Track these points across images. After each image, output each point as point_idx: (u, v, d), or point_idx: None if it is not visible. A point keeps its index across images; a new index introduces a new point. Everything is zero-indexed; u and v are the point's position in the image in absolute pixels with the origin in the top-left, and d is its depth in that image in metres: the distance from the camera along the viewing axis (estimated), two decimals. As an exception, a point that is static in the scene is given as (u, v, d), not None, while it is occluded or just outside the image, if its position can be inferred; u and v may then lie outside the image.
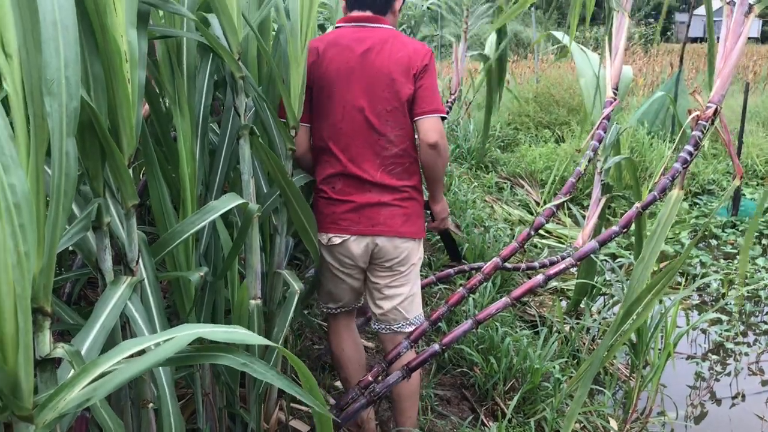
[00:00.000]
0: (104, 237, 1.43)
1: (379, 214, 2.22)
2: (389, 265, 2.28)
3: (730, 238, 5.73)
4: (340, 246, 2.25)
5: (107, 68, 1.36)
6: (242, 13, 1.82)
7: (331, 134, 2.22)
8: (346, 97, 2.18)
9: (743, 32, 1.90)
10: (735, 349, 3.99)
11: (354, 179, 2.22)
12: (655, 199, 2.10)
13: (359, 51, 2.18)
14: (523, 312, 4.05)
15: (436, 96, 2.23)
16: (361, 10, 2.26)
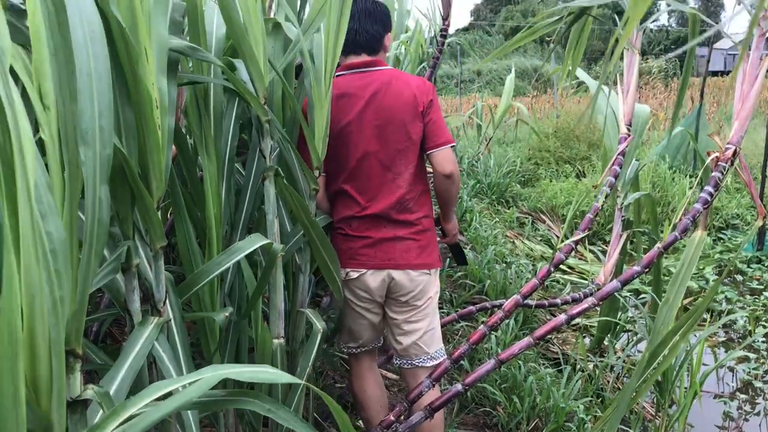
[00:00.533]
0: (133, 278, 1.46)
1: (394, 248, 2.28)
2: (405, 299, 2.32)
3: (756, 274, 5.66)
4: (357, 280, 2.30)
5: (138, 115, 1.41)
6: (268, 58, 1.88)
7: (348, 178, 2.29)
8: (360, 142, 2.25)
9: (759, 75, 1.91)
10: (764, 387, 3.91)
11: (370, 218, 2.28)
12: (677, 240, 2.10)
13: (366, 96, 2.25)
14: (545, 349, 4.02)
15: (444, 127, 2.31)
16: (357, 54, 2.33)
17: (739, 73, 1.97)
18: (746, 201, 7.25)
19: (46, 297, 0.90)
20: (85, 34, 1.12)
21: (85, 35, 1.11)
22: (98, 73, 1.12)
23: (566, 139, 9.86)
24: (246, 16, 1.77)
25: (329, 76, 2.05)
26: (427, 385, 2.30)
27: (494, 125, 9.08)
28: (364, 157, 2.26)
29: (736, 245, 6.31)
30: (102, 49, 1.13)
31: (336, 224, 2.35)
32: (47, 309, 0.90)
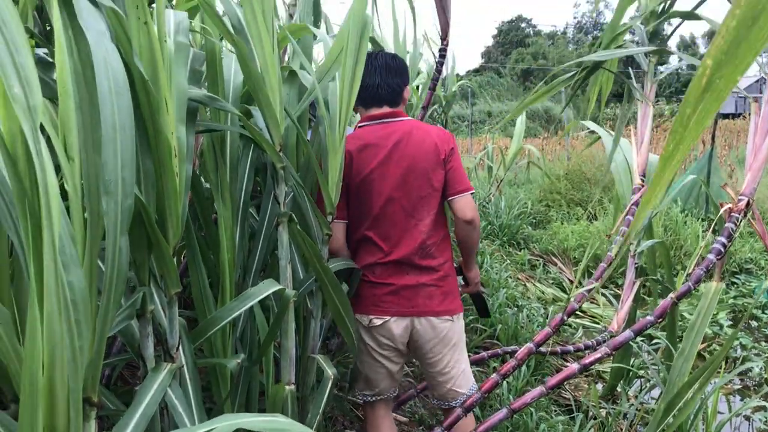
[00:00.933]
0: (147, 324, 1.48)
1: (417, 295, 2.30)
2: (431, 346, 2.33)
3: (772, 320, 5.59)
4: (381, 327, 2.31)
5: (157, 163, 1.44)
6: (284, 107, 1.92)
7: (371, 225, 2.32)
8: (383, 190, 2.29)
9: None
10: (781, 438, 3.83)
11: (393, 264, 2.31)
12: (690, 290, 2.10)
13: (389, 146, 2.30)
14: (558, 395, 3.97)
15: (465, 175, 2.37)
16: (379, 106, 2.39)
17: (751, 125, 1.99)
18: (759, 245, 7.20)
19: (66, 347, 0.91)
20: (111, 87, 1.15)
21: (110, 88, 1.15)
22: (122, 125, 1.15)
23: (578, 181, 9.88)
24: (263, 66, 1.82)
25: (344, 123, 2.09)
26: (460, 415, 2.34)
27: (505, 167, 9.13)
28: (387, 204, 2.30)
29: (750, 290, 6.25)
30: (126, 101, 1.17)
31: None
32: (67, 359, 0.91)
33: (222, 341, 1.82)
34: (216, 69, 1.86)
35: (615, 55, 2.39)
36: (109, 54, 1.16)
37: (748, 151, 1.97)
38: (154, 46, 1.40)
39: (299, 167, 2.25)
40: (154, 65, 1.41)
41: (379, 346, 2.34)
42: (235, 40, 1.73)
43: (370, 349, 2.36)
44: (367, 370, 2.40)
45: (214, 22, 1.80)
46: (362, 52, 2.08)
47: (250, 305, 1.70)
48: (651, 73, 2.62)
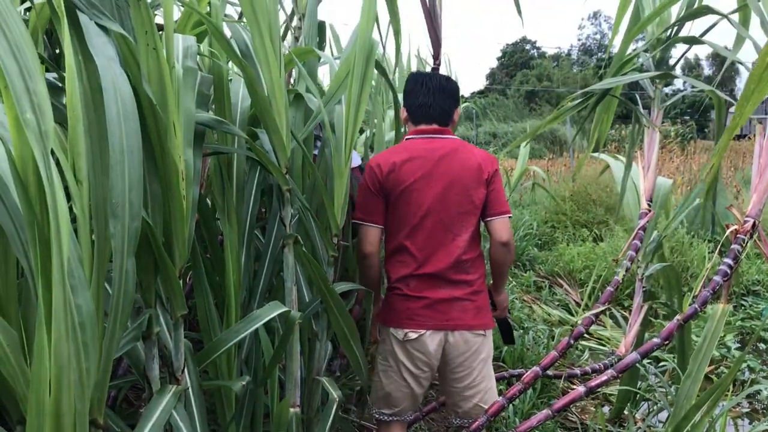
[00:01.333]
0: (153, 346, 1.48)
1: (452, 309, 2.30)
2: (462, 360, 2.33)
3: (780, 343, 5.55)
4: (416, 341, 2.30)
5: (164, 186, 1.45)
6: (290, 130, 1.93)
7: (408, 235, 2.33)
8: (423, 202, 2.31)
9: (776, 149, 1.94)
10: (790, 462, 3.78)
11: (428, 277, 2.31)
12: (696, 312, 2.09)
13: (433, 159, 2.32)
14: (564, 419, 3.93)
15: (505, 198, 2.41)
16: (428, 123, 2.41)
17: (756, 146, 2.00)
18: (767, 267, 7.16)
19: (74, 369, 0.92)
20: (119, 111, 1.17)
21: (118, 112, 1.16)
22: (130, 148, 1.17)
23: (583, 202, 9.86)
24: (270, 89, 1.84)
25: (349, 146, 2.10)
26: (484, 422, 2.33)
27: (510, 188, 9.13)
28: (426, 216, 2.31)
29: (758, 312, 6.21)
30: (134, 125, 1.19)
31: (393, 284, 2.36)
32: (74, 380, 0.92)
33: (227, 363, 1.82)
34: (223, 92, 1.88)
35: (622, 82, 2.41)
36: (117, 79, 1.18)
37: (754, 173, 1.97)
38: (163, 70, 1.41)
39: (305, 189, 2.27)
40: (163, 89, 1.43)
41: (412, 363, 2.32)
42: (243, 64, 1.75)
43: (401, 367, 2.34)
44: (392, 388, 2.37)
45: (222, 46, 1.82)
46: (368, 76, 2.10)
47: (255, 327, 1.71)
48: (658, 99, 2.63)
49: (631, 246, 2.51)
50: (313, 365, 2.19)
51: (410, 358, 2.32)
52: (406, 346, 2.31)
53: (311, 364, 2.20)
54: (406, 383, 2.35)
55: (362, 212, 2.33)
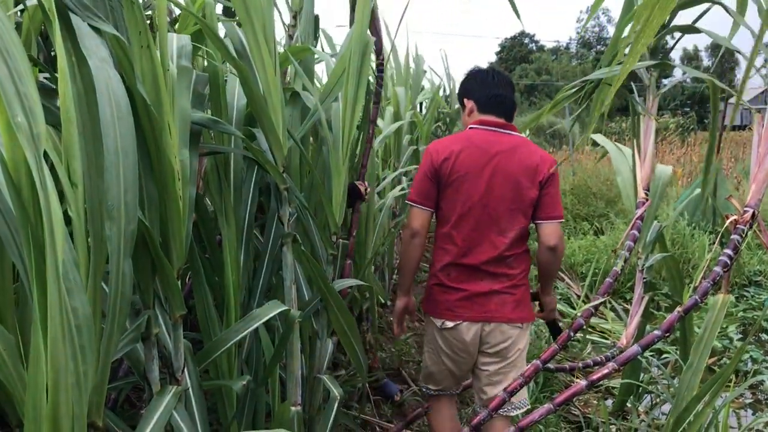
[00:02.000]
0: (152, 347, 1.48)
1: (490, 302, 2.36)
2: (496, 350, 2.38)
3: (782, 333, 5.54)
4: (453, 330, 2.38)
5: (161, 186, 1.44)
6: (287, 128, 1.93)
7: (455, 224, 2.38)
8: (474, 193, 2.35)
9: (775, 138, 1.94)
10: (794, 452, 3.78)
11: (469, 268, 2.37)
12: (697, 303, 2.08)
13: (492, 152, 2.35)
14: (567, 412, 3.93)
15: (559, 203, 2.44)
16: (498, 115, 2.45)
17: (755, 136, 2.00)
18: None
19: (71, 372, 0.92)
20: (113, 112, 1.16)
21: (113, 114, 1.16)
22: (125, 150, 1.16)
23: (583, 196, 9.86)
24: (266, 88, 1.83)
25: (347, 144, 2.10)
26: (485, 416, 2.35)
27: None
28: (474, 207, 2.35)
29: (760, 302, 6.20)
30: (129, 126, 1.18)
31: (436, 272, 2.44)
32: (71, 384, 0.91)
33: (228, 363, 1.82)
34: (219, 92, 1.87)
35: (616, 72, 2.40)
36: (111, 80, 1.18)
37: (753, 162, 1.97)
38: (157, 70, 1.41)
39: (303, 188, 2.26)
40: (157, 90, 1.42)
41: (450, 349, 2.41)
42: (237, 63, 1.74)
43: (440, 352, 2.44)
44: (434, 369, 2.50)
45: (216, 45, 1.81)
46: (364, 72, 2.10)
47: (255, 326, 1.70)
48: (653, 87, 2.63)
49: (629, 236, 2.51)
50: (314, 363, 2.19)
51: (448, 344, 2.41)
52: (444, 333, 2.40)
53: (312, 362, 2.20)
54: (446, 366, 2.46)
55: (416, 194, 2.39)
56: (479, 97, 2.47)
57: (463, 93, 2.54)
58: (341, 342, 2.16)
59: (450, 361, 2.44)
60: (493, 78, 2.49)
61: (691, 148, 18.78)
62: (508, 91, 2.49)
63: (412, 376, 3.91)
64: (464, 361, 2.43)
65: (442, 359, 2.45)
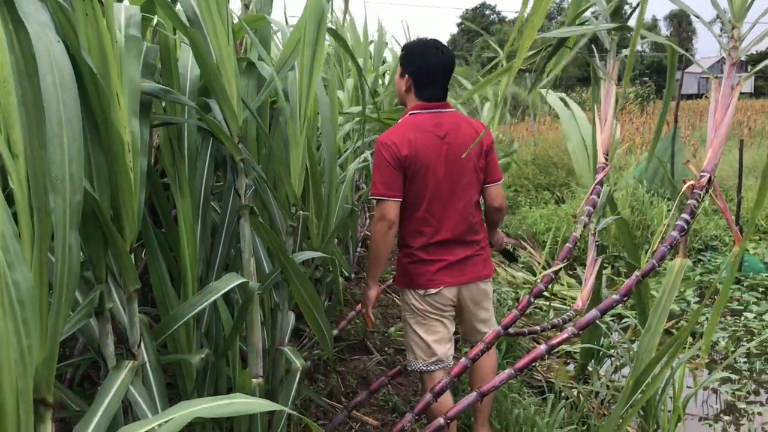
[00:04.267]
0: (106, 322, 1.45)
1: (465, 266, 2.60)
2: (478, 302, 2.68)
3: (735, 294, 5.70)
4: (436, 295, 2.56)
5: (110, 158, 1.41)
6: (242, 98, 1.89)
7: (427, 208, 2.53)
8: (438, 175, 2.51)
9: (731, 104, 1.96)
10: (747, 408, 3.91)
11: (445, 243, 2.56)
12: (654, 267, 2.12)
13: (441, 134, 2.52)
14: (530, 377, 4.00)
15: (498, 165, 2.71)
16: (436, 97, 2.59)
17: (711, 102, 2.02)
18: (724, 222, 7.33)
19: (13, 347, 0.89)
20: (55, 81, 1.12)
21: (55, 82, 1.12)
22: (68, 120, 1.12)
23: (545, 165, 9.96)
24: (219, 57, 1.79)
25: (304, 114, 2.07)
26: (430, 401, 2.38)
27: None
28: (440, 188, 2.51)
29: (716, 267, 6.37)
30: (72, 95, 1.14)
31: (411, 252, 2.58)
32: (14, 359, 0.89)
33: (186, 337, 1.80)
34: (170, 61, 1.83)
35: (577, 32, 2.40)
36: (52, 46, 1.13)
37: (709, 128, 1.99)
38: (104, 39, 1.36)
39: (261, 159, 2.23)
40: (104, 59, 1.38)
41: (435, 309, 2.58)
42: (189, 31, 1.70)
43: (428, 315, 2.58)
44: (425, 335, 2.59)
45: (167, 13, 1.76)
46: (320, 41, 2.06)
47: (212, 299, 1.68)
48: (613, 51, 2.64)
49: (588, 201, 2.54)
50: (276, 335, 2.18)
51: (434, 306, 2.58)
52: (427, 299, 2.56)
53: (274, 334, 2.19)
54: (438, 323, 2.60)
55: (386, 188, 2.46)
56: (419, 77, 2.56)
57: (406, 63, 2.61)
58: (303, 314, 2.15)
59: (440, 317, 2.59)
60: (438, 62, 2.55)
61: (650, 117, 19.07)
62: (446, 75, 2.60)
63: (376, 347, 3.93)
64: (450, 312, 2.63)
65: (431, 322, 2.58)
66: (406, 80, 2.58)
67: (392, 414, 3.21)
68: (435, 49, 2.55)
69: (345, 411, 2.86)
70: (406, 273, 2.61)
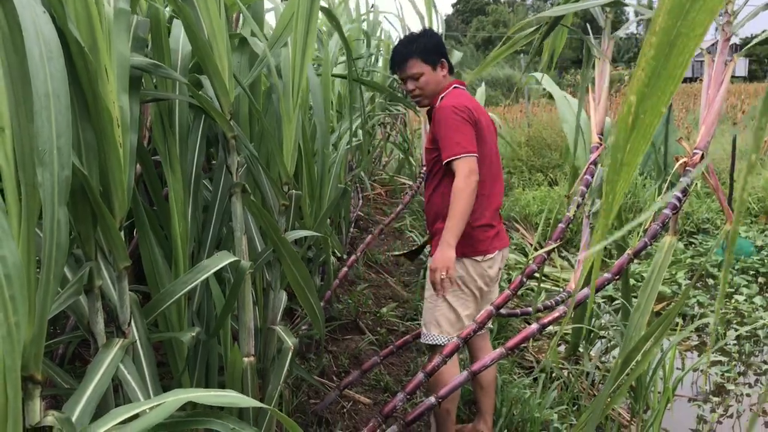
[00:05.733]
0: (96, 300, 1.43)
1: (503, 233, 2.81)
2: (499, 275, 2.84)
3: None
4: (491, 260, 2.70)
5: (99, 134, 1.38)
6: (234, 74, 1.87)
7: (487, 172, 2.66)
8: (490, 144, 2.73)
9: (724, 80, 1.95)
10: (736, 390, 3.95)
11: (495, 210, 2.75)
12: (646, 246, 2.12)
13: (481, 108, 2.75)
14: (521, 358, 4.03)
15: None
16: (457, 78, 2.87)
17: (705, 78, 2.01)
18: (716, 205, 7.36)
19: (1, 323, 0.88)
20: (42, 53, 1.10)
21: (41, 54, 1.09)
22: (56, 93, 1.10)
23: (538, 147, 9.96)
24: (210, 32, 1.76)
25: (297, 90, 2.04)
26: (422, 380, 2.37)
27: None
28: (490, 154, 2.71)
29: (708, 249, 6.40)
30: (60, 68, 1.12)
31: (476, 216, 2.61)
32: (2, 336, 0.88)
33: (177, 315, 1.78)
34: (161, 36, 1.79)
35: (572, 9, 2.37)
36: (38, 18, 1.11)
37: (702, 105, 1.98)
38: (91, 11, 1.34)
39: (253, 137, 2.21)
40: (92, 31, 1.35)
41: (481, 278, 2.67)
42: (180, 6, 1.67)
43: (474, 288, 2.66)
44: (460, 306, 2.65)
45: (157, -14, 1.73)
46: (313, 16, 2.03)
47: (204, 277, 1.67)
48: (608, 29, 2.62)
49: (582, 181, 2.53)
50: (268, 314, 2.17)
51: (481, 275, 2.67)
52: (482, 265, 2.66)
53: (266, 313, 2.18)
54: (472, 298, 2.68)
55: (470, 144, 2.52)
56: (448, 61, 2.79)
57: (439, 53, 2.76)
58: (295, 293, 2.14)
59: (476, 292, 2.68)
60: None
61: (644, 99, 19.02)
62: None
63: (369, 327, 3.94)
64: (486, 291, 2.73)
65: (468, 296, 2.66)
66: (442, 66, 2.75)
67: (384, 393, 3.22)
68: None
69: (337, 390, 2.87)
70: (470, 239, 2.61)
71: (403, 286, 4.96)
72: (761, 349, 4.56)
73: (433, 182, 2.71)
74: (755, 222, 7.29)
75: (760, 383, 4.06)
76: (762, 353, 4.51)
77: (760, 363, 4.36)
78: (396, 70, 2.84)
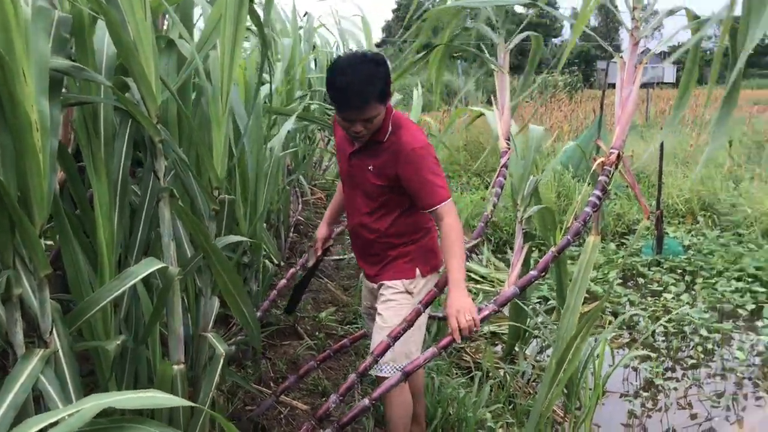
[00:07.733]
0: (15, 309, 1.39)
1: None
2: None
3: (656, 277, 5.93)
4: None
5: (17, 138, 1.35)
6: (161, 77, 1.83)
7: None
8: None
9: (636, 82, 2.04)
10: (664, 384, 4.09)
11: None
12: (569, 243, 2.18)
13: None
14: (459, 359, 4.07)
15: None
16: None
17: (618, 81, 2.09)
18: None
19: None
20: (-49, 54, 1.06)
21: (-50, 56, 1.06)
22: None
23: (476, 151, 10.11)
24: (136, 34, 1.73)
25: (226, 93, 2.03)
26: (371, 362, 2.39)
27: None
28: None
29: (638, 250, 6.61)
30: (-30, 70, 1.08)
31: (430, 232, 2.62)
32: None
33: (103, 323, 1.74)
34: (84, 37, 1.75)
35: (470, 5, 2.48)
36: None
37: (617, 105, 2.07)
38: (6, 8, 1.30)
39: (182, 141, 2.18)
40: (7, 31, 1.32)
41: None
42: (103, 6, 1.63)
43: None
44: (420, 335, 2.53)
45: (79, -14, 1.69)
46: (242, 18, 2.01)
47: (130, 284, 1.63)
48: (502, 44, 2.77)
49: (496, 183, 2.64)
50: (200, 321, 2.14)
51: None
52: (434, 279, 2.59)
53: (198, 320, 2.15)
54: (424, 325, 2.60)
55: (446, 184, 2.41)
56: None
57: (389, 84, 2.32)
58: (226, 300, 2.11)
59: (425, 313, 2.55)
60: None
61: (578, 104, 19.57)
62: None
63: (308, 332, 3.92)
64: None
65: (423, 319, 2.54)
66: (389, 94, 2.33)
67: (322, 398, 3.21)
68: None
69: (273, 396, 2.85)
70: (435, 256, 2.59)
71: (342, 290, 4.95)
72: (687, 345, 4.74)
73: (380, 211, 2.51)
74: (683, 222, 7.57)
75: (686, 377, 4.21)
76: (688, 348, 4.68)
77: (687, 358, 4.53)
78: (351, 112, 2.26)
